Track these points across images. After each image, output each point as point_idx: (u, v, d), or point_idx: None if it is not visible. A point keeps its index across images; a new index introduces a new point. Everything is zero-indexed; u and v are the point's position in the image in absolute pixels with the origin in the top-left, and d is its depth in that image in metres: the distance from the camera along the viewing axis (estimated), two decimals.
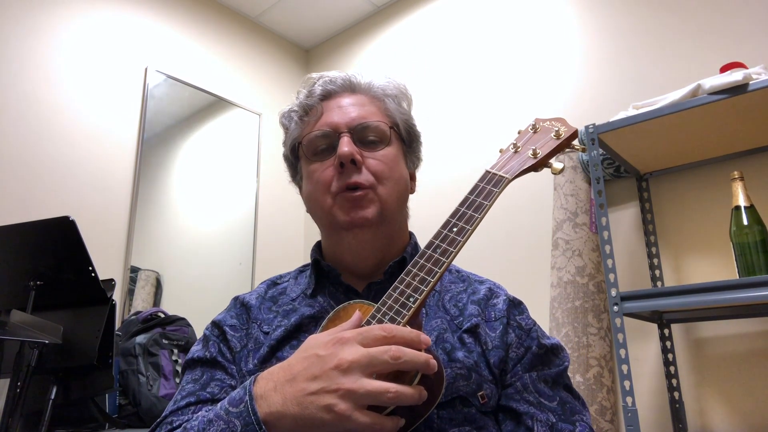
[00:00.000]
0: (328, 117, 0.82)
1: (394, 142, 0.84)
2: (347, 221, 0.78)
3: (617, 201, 1.97)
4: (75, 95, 2.29)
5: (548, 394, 0.73)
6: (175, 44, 2.70)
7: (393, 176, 0.81)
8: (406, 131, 0.88)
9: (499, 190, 0.70)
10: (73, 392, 1.57)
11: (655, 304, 1.43)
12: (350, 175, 0.78)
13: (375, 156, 0.81)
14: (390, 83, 0.88)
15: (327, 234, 0.87)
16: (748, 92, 1.41)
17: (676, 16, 1.97)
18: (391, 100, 0.87)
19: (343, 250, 0.84)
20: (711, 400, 1.67)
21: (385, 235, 0.82)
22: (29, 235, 1.52)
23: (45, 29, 2.25)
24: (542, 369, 0.76)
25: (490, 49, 2.49)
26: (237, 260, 2.69)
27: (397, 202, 0.83)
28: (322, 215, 0.83)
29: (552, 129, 0.75)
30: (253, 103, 2.97)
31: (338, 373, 0.55)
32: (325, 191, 0.80)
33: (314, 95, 0.85)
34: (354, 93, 0.85)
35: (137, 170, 2.42)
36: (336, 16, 3.07)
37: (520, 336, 0.78)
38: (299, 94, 0.87)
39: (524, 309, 0.84)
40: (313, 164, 0.82)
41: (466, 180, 2.40)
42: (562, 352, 0.80)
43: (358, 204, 0.78)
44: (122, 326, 2.01)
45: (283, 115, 0.89)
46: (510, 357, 0.76)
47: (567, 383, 0.77)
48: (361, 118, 0.82)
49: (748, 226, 1.44)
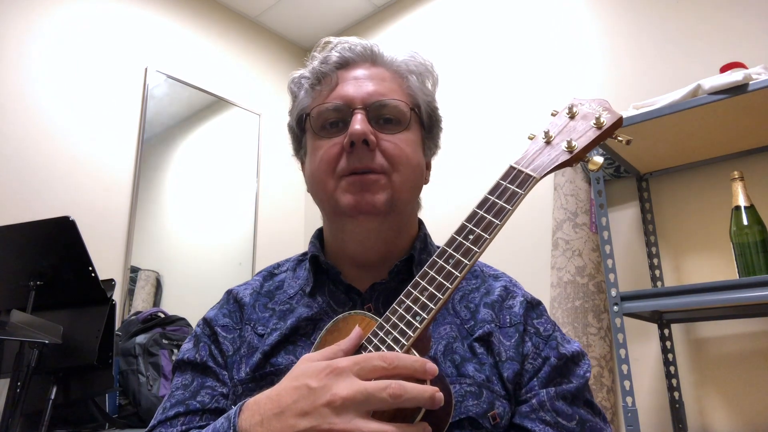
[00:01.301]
0: (343, 88, 0.74)
1: (413, 126, 0.75)
2: (352, 206, 0.70)
3: (617, 201, 1.97)
4: (75, 95, 2.29)
5: (567, 413, 0.66)
6: (175, 44, 2.70)
7: (410, 163, 0.73)
8: (428, 115, 0.79)
9: (524, 191, 0.60)
10: (73, 392, 1.57)
11: (655, 304, 1.43)
12: (360, 157, 0.70)
13: (391, 139, 0.72)
14: (415, 58, 0.79)
15: (329, 219, 0.78)
16: (748, 92, 1.41)
17: (676, 16, 1.97)
18: (415, 78, 0.78)
19: (346, 238, 0.76)
20: (711, 400, 1.67)
21: (392, 225, 0.75)
22: (29, 235, 1.52)
23: (45, 29, 2.25)
24: (561, 383, 0.68)
25: (491, 49, 2.49)
26: (237, 260, 2.69)
27: (411, 191, 0.75)
28: (324, 198, 0.74)
29: (592, 115, 0.62)
30: (253, 103, 2.97)
31: (330, 412, 0.49)
32: (329, 172, 0.72)
33: (330, 62, 0.76)
34: (375, 65, 0.76)
35: (137, 170, 2.42)
36: (336, 16, 3.07)
37: (538, 345, 0.71)
38: (313, 59, 0.79)
39: (543, 311, 0.76)
40: (320, 140, 0.74)
41: (466, 179, 2.40)
42: (582, 359, 0.72)
43: (367, 187, 0.70)
44: (122, 326, 2.01)
45: (292, 80, 0.81)
46: (526, 369, 0.69)
47: (588, 398, 0.70)
48: (379, 94, 0.73)
49: (748, 226, 1.44)
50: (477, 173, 2.39)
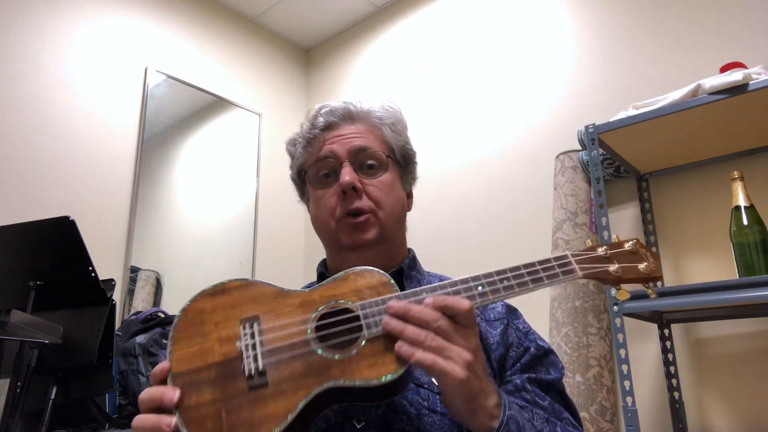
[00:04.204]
0: (330, 146, 0.89)
1: (391, 168, 0.91)
2: (350, 243, 0.85)
3: (617, 201, 1.97)
4: (75, 95, 2.29)
5: (541, 394, 0.79)
6: (175, 44, 2.70)
7: (390, 200, 0.88)
8: (402, 156, 0.94)
9: (564, 279, 0.71)
10: (73, 392, 1.57)
11: (655, 304, 1.43)
12: (352, 201, 0.85)
13: (374, 183, 0.88)
14: (387, 110, 0.94)
15: (332, 253, 0.92)
16: (748, 92, 1.41)
17: (676, 16, 1.97)
18: (388, 128, 0.93)
19: (348, 267, 0.86)
20: (711, 400, 1.67)
21: (385, 252, 0.89)
22: (29, 235, 1.51)
23: (45, 29, 2.25)
24: (539, 370, 0.81)
25: (491, 48, 2.49)
26: (237, 260, 2.69)
27: (396, 222, 0.90)
28: (328, 236, 0.89)
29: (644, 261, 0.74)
30: (253, 103, 2.97)
31: None
32: (329, 216, 0.87)
33: (317, 126, 0.91)
34: (353, 122, 0.91)
35: (137, 170, 2.42)
36: (336, 16, 3.07)
37: (520, 337, 0.84)
38: (303, 125, 0.94)
39: (520, 315, 0.90)
40: (318, 191, 0.89)
41: (465, 179, 2.40)
42: (556, 355, 0.86)
43: (360, 228, 0.85)
44: (122, 326, 2.01)
45: (288, 142, 0.96)
46: (510, 356, 0.82)
47: (560, 389, 0.82)
48: (360, 147, 0.88)
49: (748, 226, 1.44)
50: (475, 168, 2.39)
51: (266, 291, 0.71)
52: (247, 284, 0.72)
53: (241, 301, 0.70)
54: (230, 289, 0.72)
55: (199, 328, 0.67)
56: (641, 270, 0.71)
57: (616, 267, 0.71)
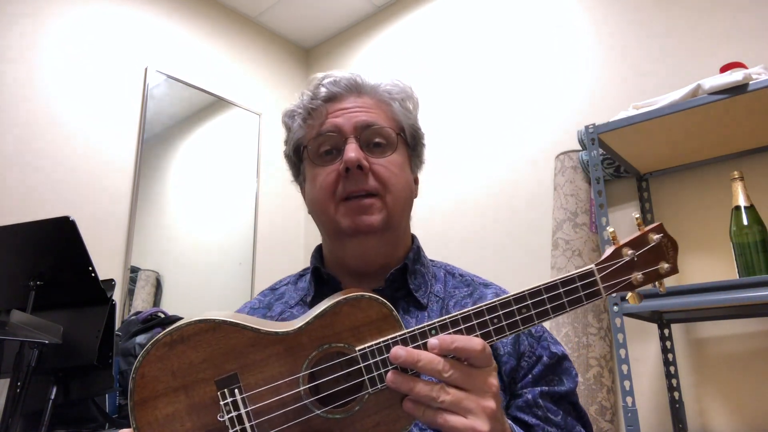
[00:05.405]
0: (334, 120, 0.79)
1: (400, 148, 0.82)
2: (352, 228, 0.76)
3: (617, 201, 1.97)
4: (75, 95, 2.29)
5: (554, 409, 0.74)
6: (175, 44, 2.70)
7: (399, 183, 0.79)
8: (412, 135, 0.86)
9: (587, 302, 0.61)
10: (73, 392, 1.57)
11: (655, 304, 1.43)
12: (356, 181, 0.76)
13: (381, 162, 0.78)
14: (397, 85, 0.86)
15: (330, 239, 0.83)
16: (748, 92, 1.41)
17: (676, 16, 1.97)
18: (398, 104, 0.84)
19: (347, 255, 0.82)
20: (711, 400, 1.67)
21: (389, 241, 0.81)
22: (29, 235, 1.51)
23: (45, 29, 2.25)
24: (552, 381, 0.75)
25: (491, 49, 2.49)
26: (237, 260, 2.69)
27: (403, 208, 0.81)
28: (325, 220, 0.80)
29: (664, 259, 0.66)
30: (253, 103, 2.97)
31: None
32: (329, 196, 0.78)
33: (318, 97, 0.81)
34: (360, 95, 0.82)
35: (137, 170, 2.42)
36: (336, 16, 3.07)
37: (532, 344, 0.77)
38: (303, 95, 0.84)
39: None
40: (317, 167, 0.80)
41: (465, 179, 2.40)
42: (569, 361, 0.80)
43: (365, 211, 0.76)
44: (122, 326, 2.01)
45: (285, 113, 0.86)
46: (521, 366, 0.75)
47: (574, 401, 0.77)
48: (367, 122, 0.79)
49: (748, 226, 1.43)
50: (475, 168, 2.39)
51: (239, 337, 0.58)
52: (213, 327, 0.58)
53: (211, 355, 0.57)
54: (192, 336, 0.58)
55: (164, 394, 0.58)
56: (661, 273, 0.65)
57: (638, 275, 0.64)
